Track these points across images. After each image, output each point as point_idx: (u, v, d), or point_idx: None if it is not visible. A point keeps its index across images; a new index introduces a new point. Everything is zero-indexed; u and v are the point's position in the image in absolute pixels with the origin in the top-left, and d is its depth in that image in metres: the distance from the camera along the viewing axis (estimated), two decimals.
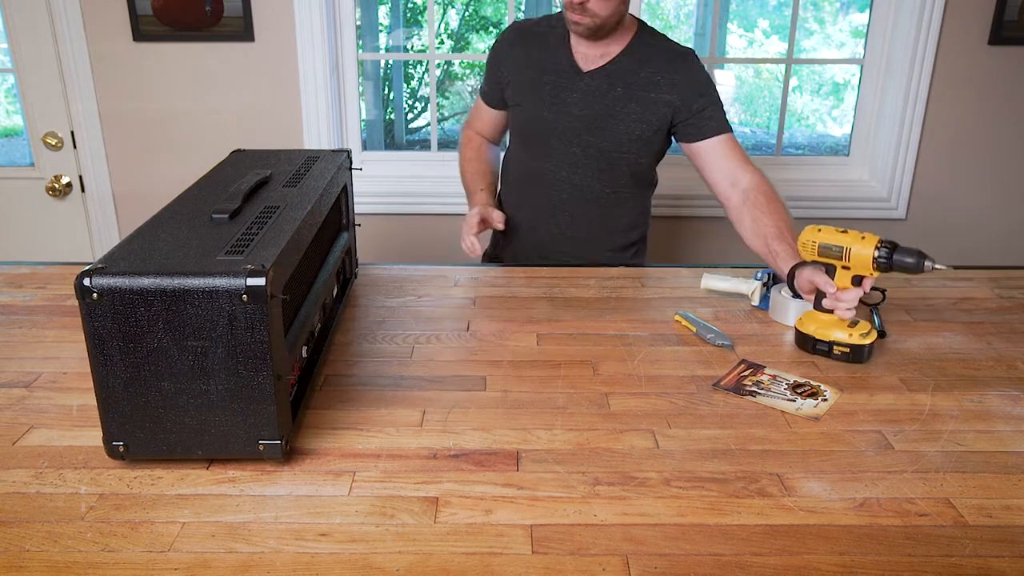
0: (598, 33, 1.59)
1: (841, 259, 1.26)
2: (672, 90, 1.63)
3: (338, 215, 1.53)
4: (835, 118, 4.73)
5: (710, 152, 1.64)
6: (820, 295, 1.32)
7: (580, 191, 1.73)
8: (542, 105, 1.68)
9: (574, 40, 1.66)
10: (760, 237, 1.51)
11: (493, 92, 1.81)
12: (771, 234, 1.49)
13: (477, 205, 1.70)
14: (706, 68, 1.67)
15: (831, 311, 1.29)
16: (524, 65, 1.71)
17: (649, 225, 1.90)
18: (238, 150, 1.51)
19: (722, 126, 1.64)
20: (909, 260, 1.21)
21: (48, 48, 2.31)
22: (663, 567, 0.84)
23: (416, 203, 2.48)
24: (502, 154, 1.90)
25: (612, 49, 1.64)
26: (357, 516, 0.92)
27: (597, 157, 1.69)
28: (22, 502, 0.94)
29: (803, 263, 1.37)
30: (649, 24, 1.70)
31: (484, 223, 1.66)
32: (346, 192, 1.55)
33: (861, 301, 1.49)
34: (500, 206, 1.88)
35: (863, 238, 1.25)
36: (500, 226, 1.67)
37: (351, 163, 1.57)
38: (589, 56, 1.65)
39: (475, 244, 1.61)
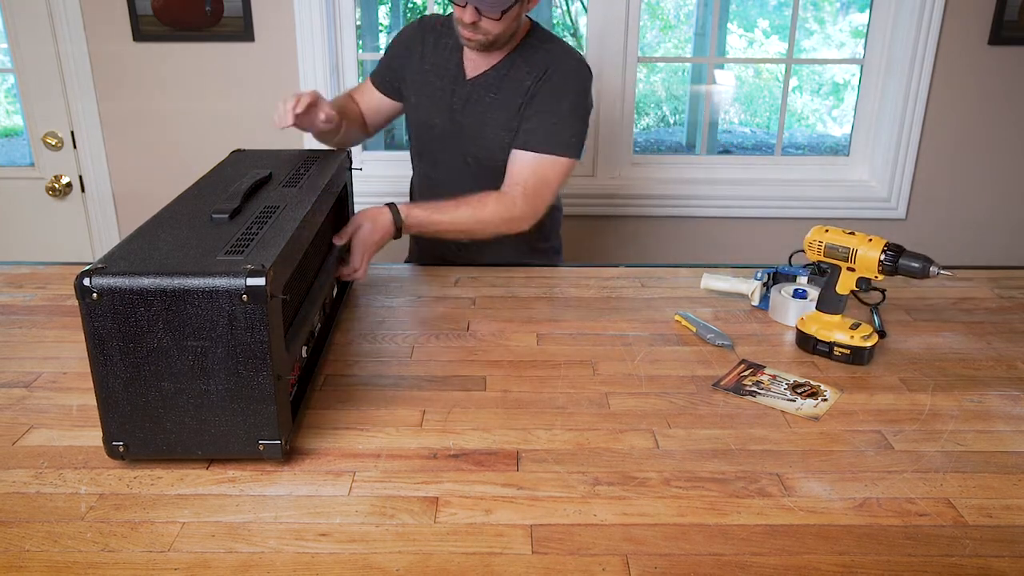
0: (490, 48, 1.54)
1: (847, 260, 1.26)
2: (524, 92, 1.56)
3: (338, 215, 1.53)
4: (835, 118, 4.73)
5: (511, 159, 1.57)
6: (822, 295, 1.32)
7: None
8: (433, 109, 1.65)
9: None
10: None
11: (384, 78, 1.71)
12: (444, 200, 1.53)
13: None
14: (579, 81, 1.55)
15: (835, 312, 1.29)
16: (420, 65, 1.65)
17: (556, 231, 1.84)
18: (238, 150, 1.51)
19: (535, 142, 1.54)
20: (915, 265, 1.21)
21: (48, 48, 2.31)
22: (663, 567, 0.84)
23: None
24: (359, 134, 1.76)
25: (496, 56, 1.58)
26: (357, 516, 0.92)
27: (474, 165, 1.65)
28: (22, 502, 0.94)
29: (392, 205, 1.45)
30: (541, 26, 1.63)
31: (311, 106, 1.48)
32: (346, 192, 1.55)
33: (861, 301, 1.50)
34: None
35: (870, 241, 1.25)
36: (323, 117, 1.49)
37: (351, 163, 1.57)
38: (476, 63, 1.60)
39: (287, 115, 1.46)
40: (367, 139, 1.84)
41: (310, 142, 2.44)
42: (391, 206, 1.47)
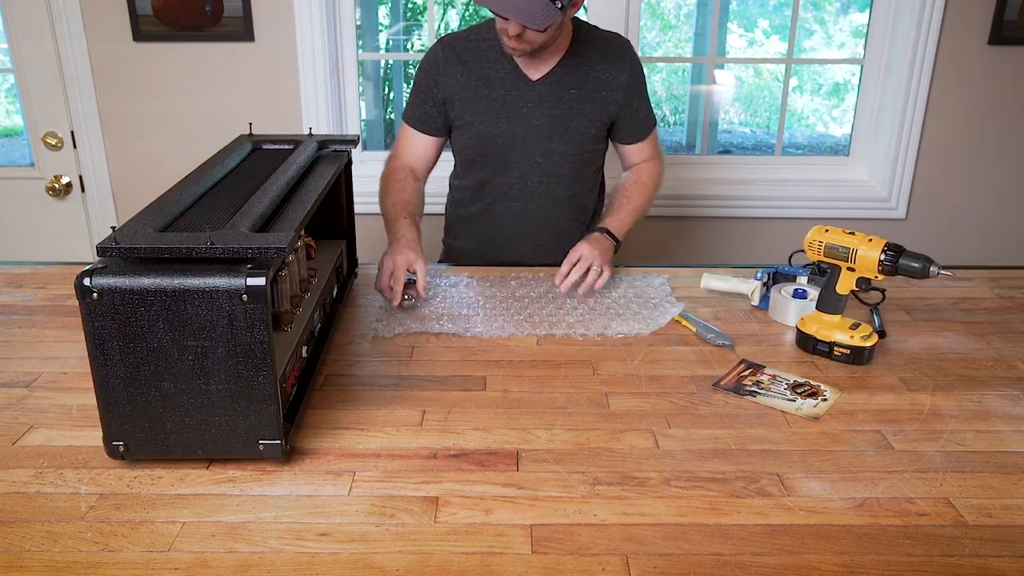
0: (536, 55, 1.56)
1: (847, 260, 1.26)
2: (618, 88, 1.65)
3: (338, 215, 1.53)
4: (835, 118, 4.73)
5: (634, 150, 1.76)
6: (823, 294, 1.32)
7: (546, 198, 1.70)
8: (496, 119, 1.63)
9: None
10: (611, 196, 1.74)
11: (427, 116, 1.68)
12: (617, 200, 1.69)
13: (403, 247, 1.50)
14: (640, 61, 1.70)
15: (835, 312, 1.30)
16: (466, 81, 1.63)
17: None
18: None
19: (649, 125, 1.74)
20: (915, 265, 1.21)
21: (48, 48, 2.31)
22: (663, 567, 0.84)
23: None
24: (424, 189, 1.75)
25: (556, 54, 1.60)
26: (357, 516, 0.92)
27: (560, 163, 1.67)
28: (22, 502, 0.94)
29: (600, 228, 1.59)
30: (584, 21, 1.69)
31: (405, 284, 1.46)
32: (346, 192, 1.55)
33: (861, 301, 1.50)
34: (447, 237, 1.88)
35: (870, 241, 1.25)
36: (421, 294, 1.46)
37: (350, 161, 1.56)
38: (535, 64, 1.61)
39: (396, 295, 1.44)
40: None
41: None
42: (606, 231, 1.59)
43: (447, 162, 1.82)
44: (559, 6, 1.42)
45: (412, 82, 1.72)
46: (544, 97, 1.62)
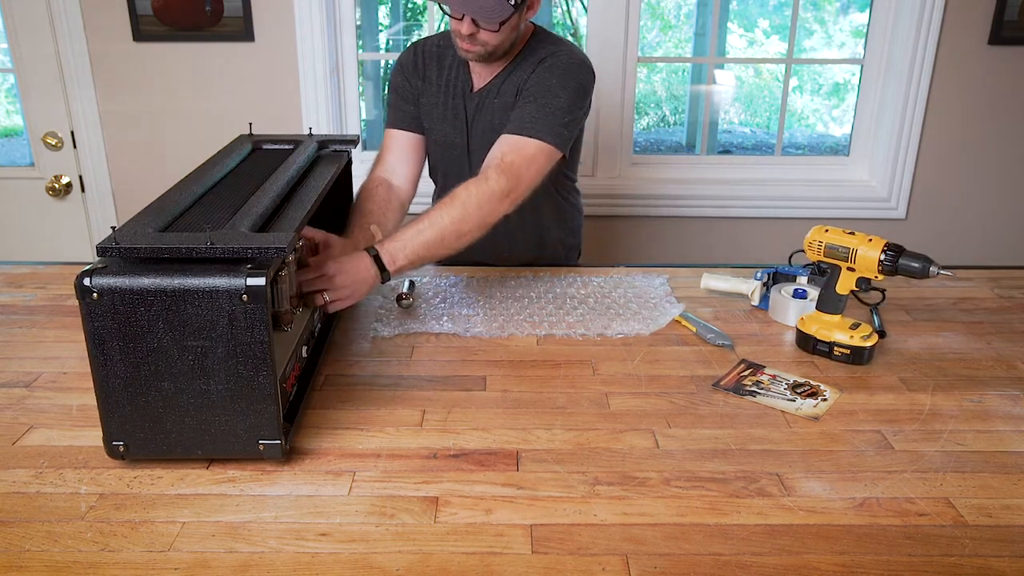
0: (489, 59, 1.52)
1: (847, 260, 1.26)
2: (519, 93, 1.52)
3: (338, 215, 1.53)
4: (835, 118, 4.73)
5: (499, 143, 1.47)
6: (823, 294, 1.32)
7: (518, 208, 1.53)
8: (451, 129, 1.62)
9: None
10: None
11: (406, 114, 1.64)
12: (420, 217, 1.38)
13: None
14: (578, 75, 1.51)
15: (835, 312, 1.29)
16: (427, 87, 1.63)
17: (581, 226, 1.83)
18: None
19: (519, 126, 1.45)
20: (915, 265, 1.21)
21: (48, 48, 2.31)
22: (663, 567, 0.84)
23: (416, 203, 2.48)
24: (407, 200, 1.66)
25: (499, 64, 1.56)
26: (357, 516, 0.92)
27: None
28: (22, 502, 0.94)
29: (371, 251, 1.28)
30: (546, 30, 1.59)
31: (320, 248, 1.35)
32: (346, 192, 1.55)
33: (861, 301, 1.50)
34: None
35: (870, 241, 1.25)
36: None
37: (350, 161, 1.56)
38: (481, 74, 1.58)
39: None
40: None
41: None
42: (374, 257, 1.29)
43: None
44: (512, 3, 1.38)
45: (389, 89, 1.70)
46: (479, 109, 1.59)
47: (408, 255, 1.31)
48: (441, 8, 1.46)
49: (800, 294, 1.44)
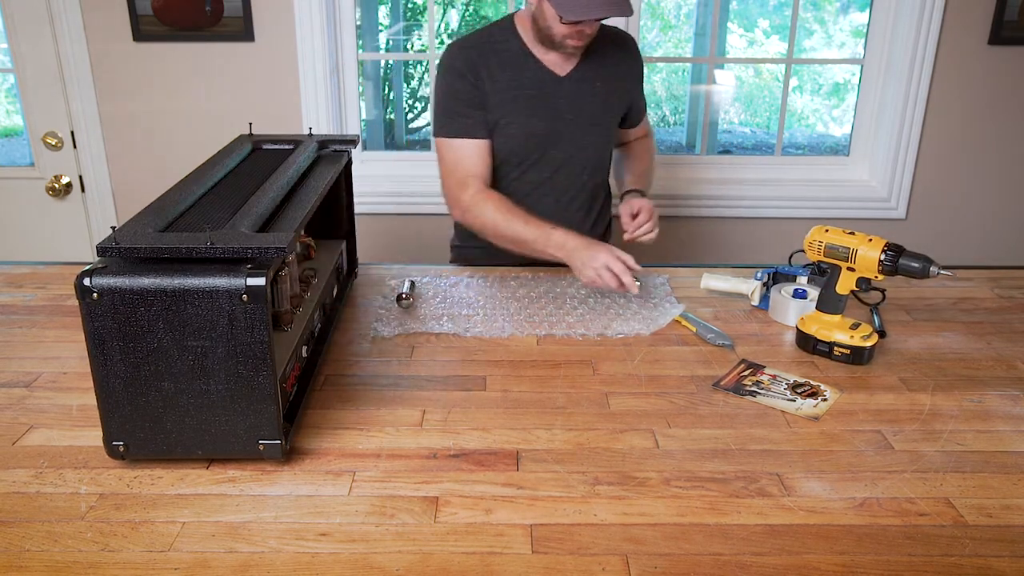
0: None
1: (847, 260, 1.26)
2: (632, 79, 1.76)
3: (338, 215, 1.53)
4: (835, 118, 4.73)
5: (635, 131, 1.88)
6: (822, 295, 1.32)
7: (584, 191, 1.75)
8: (531, 117, 1.63)
9: (538, 51, 1.62)
10: (618, 167, 1.86)
11: (478, 121, 1.61)
12: (630, 166, 1.82)
13: (585, 247, 1.49)
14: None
15: (835, 312, 1.30)
16: (496, 84, 1.61)
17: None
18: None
19: (644, 110, 1.86)
20: (915, 265, 1.21)
21: (48, 48, 2.31)
22: (663, 567, 0.84)
23: (416, 203, 2.48)
24: None
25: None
26: (357, 516, 0.92)
27: (593, 154, 1.72)
28: (22, 502, 0.94)
29: (632, 190, 1.72)
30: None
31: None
32: (346, 192, 1.55)
33: (861, 301, 1.50)
34: (458, 239, 1.85)
35: (870, 241, 1.25)
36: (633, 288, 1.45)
37: (350, 160, 1.56)
38: (556, 61, 1.64)
39: (633, 282, 1.43)
40: None
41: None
42: (637, 192, 1.72)
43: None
44: None
45: (439, 95, 1.64)
46: (575, 92, 1.66)
47: (647, 185, 1.80)
48: (590, 19, 1.52)
49: (800, 294, 1.44)
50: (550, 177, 1.71)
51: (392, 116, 4.66)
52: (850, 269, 1.27)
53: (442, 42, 5.04)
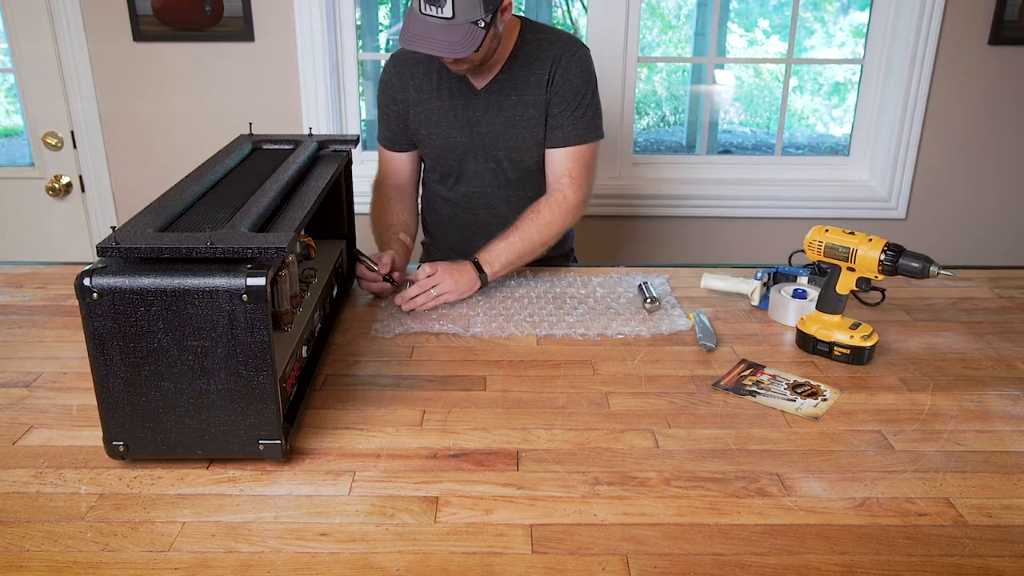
0: (481, 69, 1.56)
1: (847, 260, 1.27)
2: (541, 88, 1.59)
3: (338, 215, 1.53)
4: (835, 118, 4.73)
5: (552, 159, 1.63)
6: (823, 294, 1.32)
7: (510, 203, 1.68)
8: (452, 130, 1.63)
9: None
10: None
11: (396, 132, 1.69)
12: (508, 228, 1.57)
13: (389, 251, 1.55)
14: (586, 62, 1.60)
15: (835, 312, 1.30)
16: (419, 95, 1.64)
17: (573, 231, 1.87)
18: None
19: (570, 137, 1.60)
20: (915, 265, 1.21)
21: (48, 48, 2.31)
22: (663, 567, 0.84)
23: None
24: (416, 206, 1.79)
25: (490, 64, 1.57)
26: (357, 516, 0.92)
27: (511, 169, 1.66)
28: (22, 502, 0.94)
29: (472, 259, 1.50)
30: (532, 20, 1.64)
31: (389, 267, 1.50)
32: (346, 192, 1.55)
33: (861, 301, 1.50)
34: (426, 236, 1.87)
35: (870, 240, 1.25)
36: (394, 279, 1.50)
37: (350, 160, 1.56)
38: (480, 73, 1.60)
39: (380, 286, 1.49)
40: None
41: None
42: (475, 264, 1.50)
43: None
44: (481, 26, 1.39)
45: (376, 103, 1.73)
46: (489, 105, 1.61)
47: (502, 262, 1.53)
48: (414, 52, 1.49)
49: (800, 294, 1.44)
50: (479, 190, 1.70)
51: None
52: (850, 269, 1.27)
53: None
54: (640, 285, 1.53)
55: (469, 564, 0.84)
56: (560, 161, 1.62)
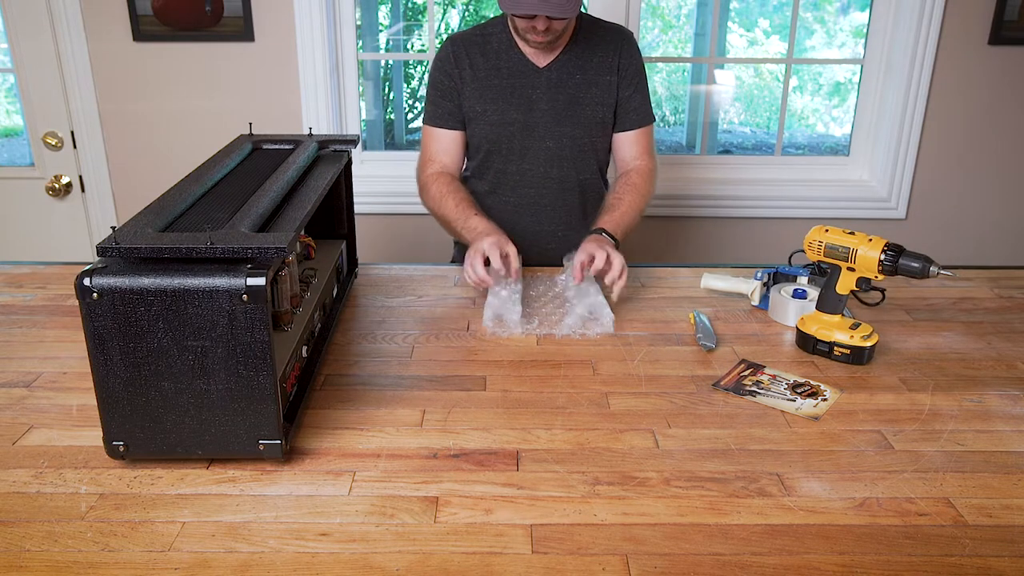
0: (555, 43, 1.62)
1: (847, 260, 1.27)
2: (613, 72, 1.69)
3: (338, 215, 1.53)
4: (835, 118, 4.73)
5: (624, 142, 1.75)
6: (822, 295, 1.32)
7: (558, 183, 1.74)
8: (509, 107, 1.67)
9: (522, 43, 1.65)
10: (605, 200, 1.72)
11: (448, 111, 1.71)
12: (609, 202, 1.68)
13: (486, 233, 1.52)
14: (638, 49, 1.72)
15: (835, 312, 1.29)
16: (475, 72, 1.68)
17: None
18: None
19: (642, 119, 1.73)
20: (915, 265, 1.21)
21: (48, 48, 2.31)
22: (663, 567, 0.84)
23: (416, 203, 2.47)
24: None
25: (560, 40, 1.64)
26: (357, 516, 0.92)
27: (570, 147, 1.71)
28: (22, 502, 0.94)
29: (596, 229, 1.57)
30: (589, 14, 1.74)
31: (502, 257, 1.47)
32: (346, 192, 1.55)
33: (861, 301, 1.50)
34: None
35: (870, 240, 1.25)
36: (513, 268, 1.48)
37: (350, 161, 1.56)
38: (537, 53, 1.66)
39: (484, 275, 1.44)
40: None
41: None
42: (602, 231, 1.57)
43: None
44: None
45: (427, 85, 1.75)
46: (552, 83, 1.66)
47: (623, 230, 1.62)
48: (520, 15, 1.51)
49: (800, 294, 1.44)
50: (531, 168, 1.73)
51: (392, 116, 4.66)
52: (850, 269, 1.27)
53: (442, 42, 5.03)
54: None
55: (469, 564, 0.84)
56: (636, 141, 1.75)
